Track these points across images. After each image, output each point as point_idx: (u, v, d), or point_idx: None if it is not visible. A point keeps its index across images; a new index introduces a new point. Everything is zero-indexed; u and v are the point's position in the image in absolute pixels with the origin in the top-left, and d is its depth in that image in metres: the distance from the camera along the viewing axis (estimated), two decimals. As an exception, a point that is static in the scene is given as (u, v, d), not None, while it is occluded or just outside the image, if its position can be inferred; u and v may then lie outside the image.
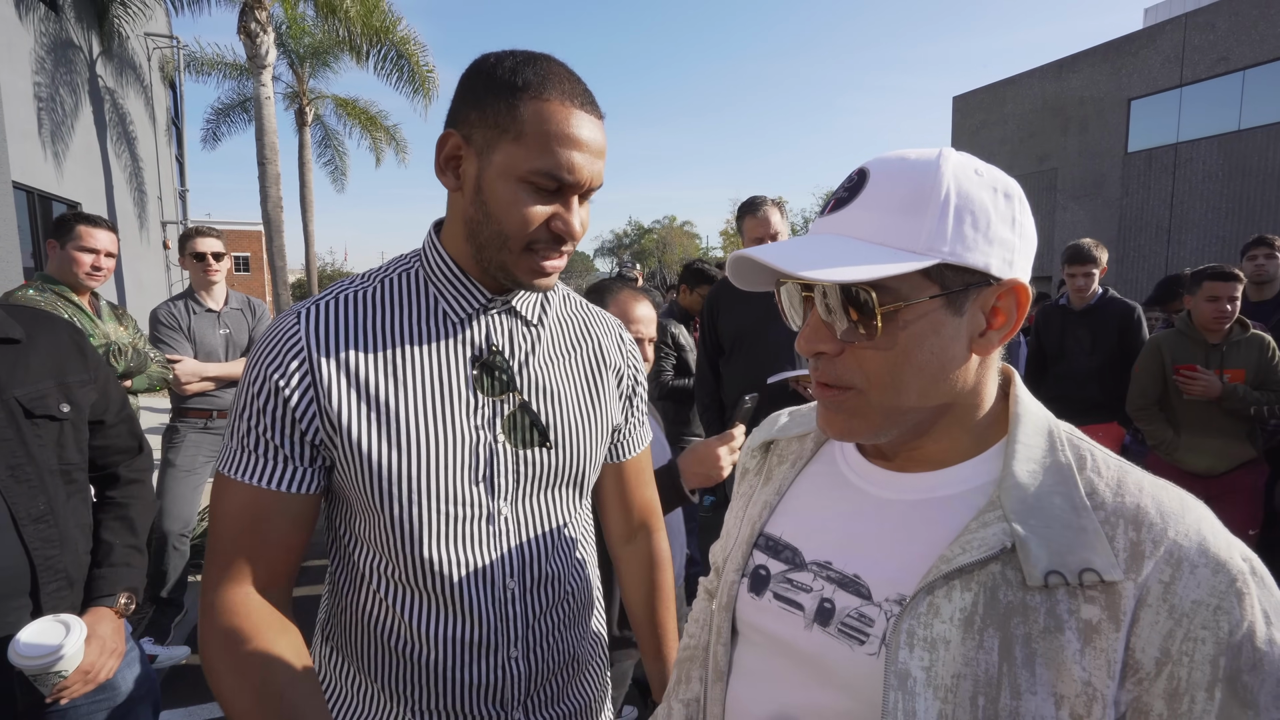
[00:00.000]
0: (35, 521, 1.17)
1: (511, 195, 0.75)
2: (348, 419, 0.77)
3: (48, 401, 1.21)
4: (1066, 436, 0.59)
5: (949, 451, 0.61)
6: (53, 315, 1.32)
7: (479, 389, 0.83)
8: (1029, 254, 0.57)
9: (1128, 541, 0.51)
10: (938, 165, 0.55)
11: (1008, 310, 0.56)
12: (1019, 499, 0.54)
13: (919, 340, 0.55)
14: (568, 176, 0.75)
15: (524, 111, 0.73)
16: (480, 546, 0.83)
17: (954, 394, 0.58)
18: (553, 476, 0.88)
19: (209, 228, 3.01)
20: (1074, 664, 0.49)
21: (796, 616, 0.63)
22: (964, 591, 0.53)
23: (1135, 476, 0.55)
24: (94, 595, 1.27)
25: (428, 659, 0.84)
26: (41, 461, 1.19)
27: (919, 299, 0.54)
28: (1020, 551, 0.52)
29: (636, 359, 1.02)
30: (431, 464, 0.80)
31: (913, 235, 0.53)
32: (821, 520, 0.66)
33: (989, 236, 0.54)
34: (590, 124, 0.76)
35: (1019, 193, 0.57)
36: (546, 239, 0.78)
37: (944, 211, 0.53)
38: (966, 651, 0.52)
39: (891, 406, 0.57)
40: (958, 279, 0.54)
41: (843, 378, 0.58)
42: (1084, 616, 0.50)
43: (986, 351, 0.57)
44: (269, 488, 0.77)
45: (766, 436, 0.79)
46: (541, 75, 0.75)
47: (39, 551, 1.17)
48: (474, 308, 0.84)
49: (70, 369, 1.27)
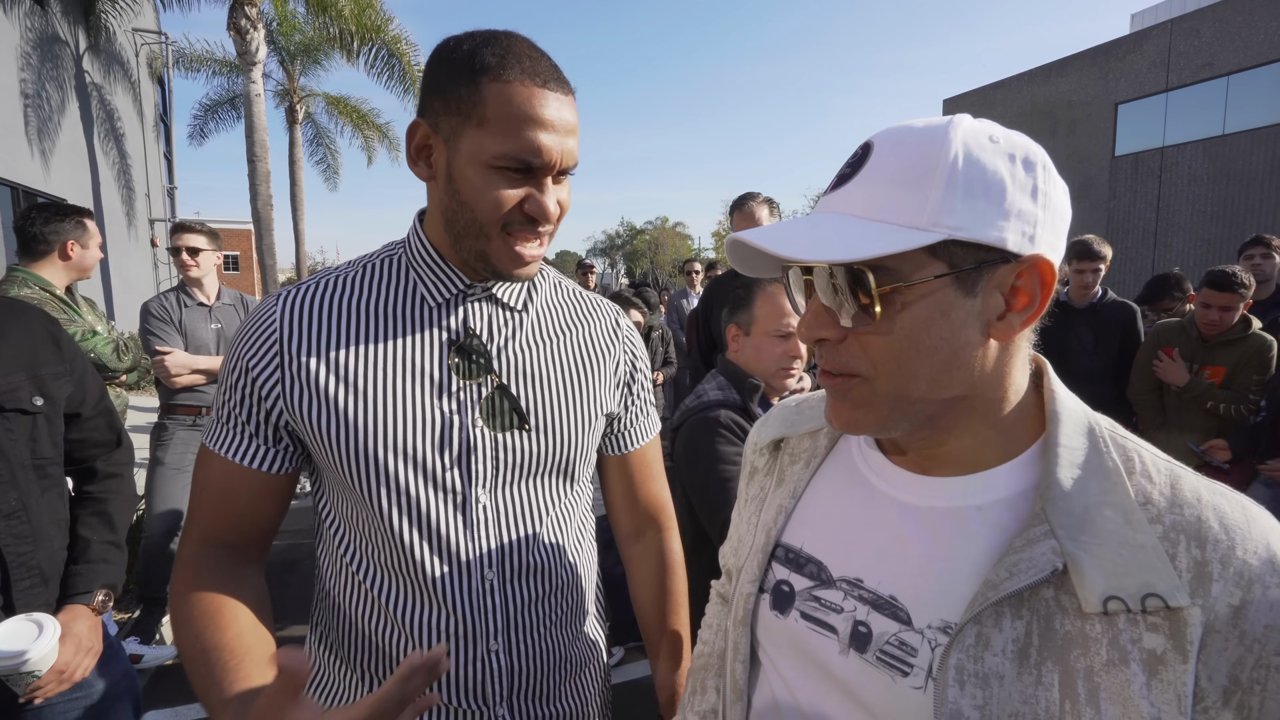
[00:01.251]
0: (6, 518, 1.14)
1: (481, 181, 0.74)
2: (318, 401, 0.78)
3: (19, 394, 1.18)
4: (1109, 434, 0.53)
5: (977, 451, 0.55)
6: (26, 305, 1.29)
7: (455, 372, 0.81)
8: (1057, 227, 0.51)
9: (1191, 561, 0.46)
10: (945, 133, 0.50)
11: (1030, 290, 0.50)
12: (1066, 511, 0.49)
13: (925, 324, 0.50)
14: (535, 159, 0.73)
15: (485, 94, 0.71)
16: (456, 533, 0.81)
17: (971, 384, 0.52)
18: (535, 464, 0.86)
19: (196, 223, 2.97)
20: (1141, 699, 0.45)
21: (830, 640, 0.58)
22: (1015, 620, 0.48)
23: (1190, 481, 0.50)
24: (70, 592, 1.25)
25: (405, 647, 0.83)
26: (13, 456, 1.16)
27: (922, 279, 0.49)
28: (1074, 574, 0.47)
29: (634, 346, 0.99)
30: (400, 445, 0.79)
31: (916, 210, 0.48)
32: (845, 530, 0.61)
33: (1004, 209, 0.48)
34: (556, 101, 0.73)
35: (1043, 159, 0.51)
36: (521, 220, 0.76)
37: (950, 182, 0.48)
38: (1024, 688, 0.47)
39: (899, 396, 0.53)
40: (968, 256, 0.49)
41: (847, 365, 0.54)
42: (1147, 646, 0.45)
43: (1007, 336, 0.51)
44: (238, 462, 0.80)
45: (776, 432, 0.73)
46: (501, 55, 0.72)
47: (10, 548, 1.15)
48: (452, 293, 0.83)
49: (44, 361, 1.23)
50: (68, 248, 2.40)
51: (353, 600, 0.85)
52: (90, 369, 1.36)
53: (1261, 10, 13.47)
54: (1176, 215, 15.21)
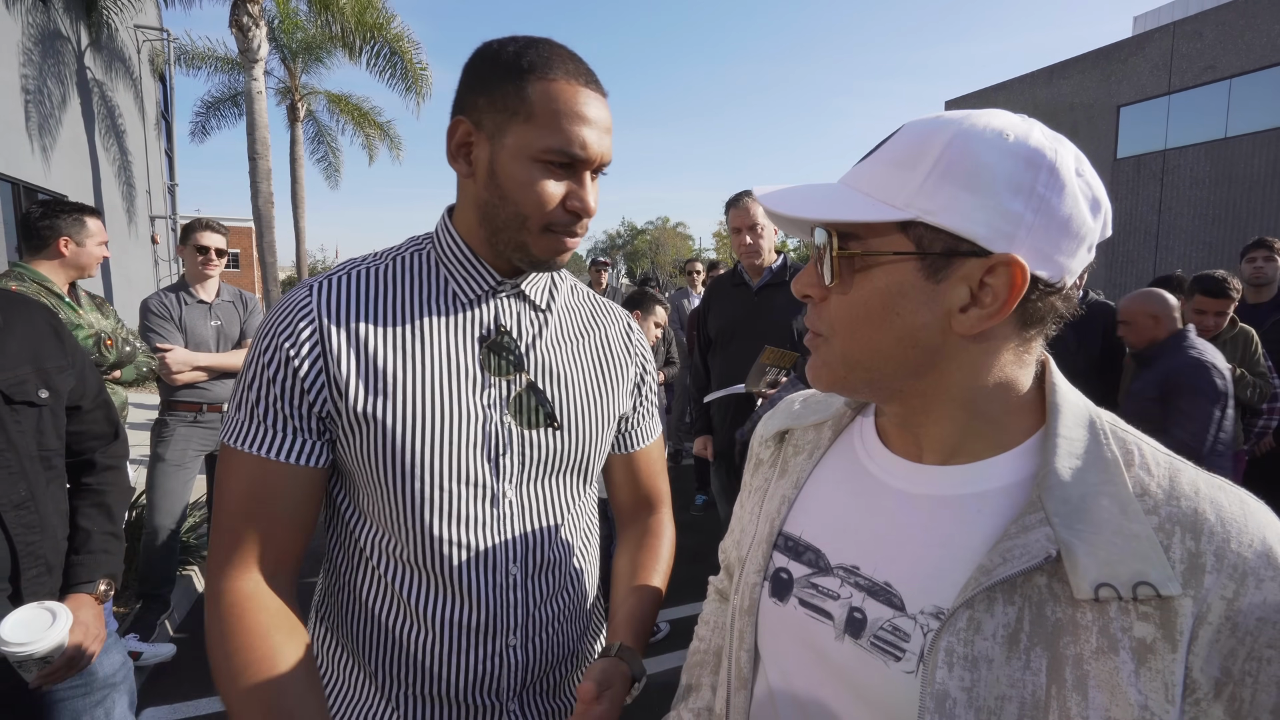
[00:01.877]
0: (16, 508, 1.16)
1: (526, 175, 0.76)
2: (355, 390, 0.77)
3: (26, 387, 1.20)
4: (1110, 427, 0.53)
5: (968, 440, 0.56)
6: (29, 300, 1.30)
7: (486, 369, 0.83)
8: (1057, 238, 0.49)
9: (1185, 552, 0.46)
10: (956, 123, 0.50)
11: (996, 289, 0.49)
12: (1062, 500, 0.49)
13: (880, 295, 0.52)
14: (580, 152, 0.76)
15: (532, 92, 0.75)
16: (484, 528, 0.82)
17: (934, 367, 0.53)
18: (559, 461, 0.87)
19: (217, 223, 3.00)
20: (1129, 687, 0.45)
21: (826, 626, 0.59)
22: (1007, 606, 0.49)
23: (1189, 475, 0.50)
24: (74, 582, 1.27)
25: (424, 641, 0.83)
26: (22, 448, 1.18)
27: (882, 251, 0.51)
28: (1067, 560, 0.47)
29: (644, 350, 1.02)
30: (436, 438, 0.79)
31: (898, 189, 0.50)
32: (844, 518, 0.62)
33: (984, 203, 0.48)
34: (596, 101, 0.78)
35: (1054, 165, 0.49)
36: (564, 219, 0.79)
37: (935, 168, 0.49)
38: (1012, 672, 0.48)
39: (851, 360, 0.55)
40: (937, 241, 0.50)
41: (816, 324, 0.58)
42: (1137, 634, 0.45)
43: (967, 330, 0.51)
44: (277, 459, 0.76)
45: (781, 425, 0.74)
46: (546, 57, 0.76)
47: (20, 538, 1.17)
48: (484, 289, 0.84)
49: (48, 354, 1.25)
50: (60, 245, 2.38)
51: (371, 595, 0.84)
52: (89, 362, 1.37)
53: (1264, 13, 13.47)
54: (1178, 218, 15.21)
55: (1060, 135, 0.51)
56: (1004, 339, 0.53)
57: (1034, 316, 0.52)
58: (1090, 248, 0.52)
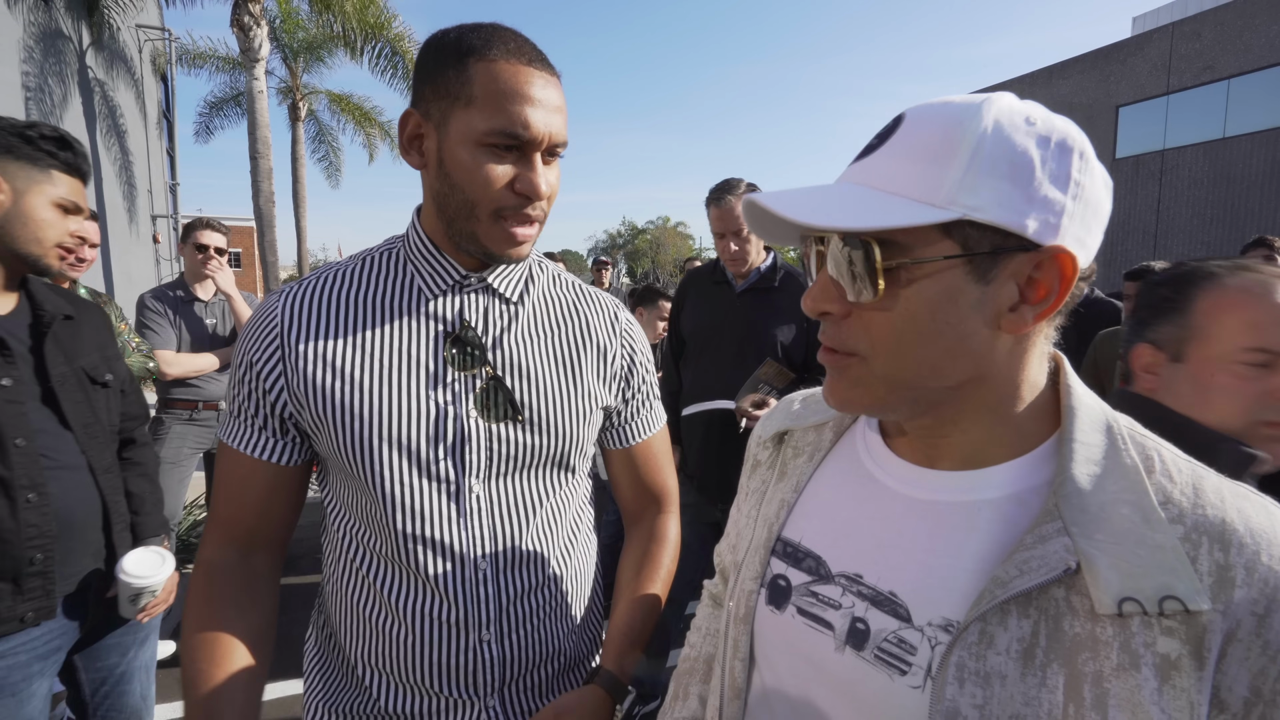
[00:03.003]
0: (105, 471, 1.37)
1: (471, 160, 0.75)
2: (316, 392, 0.80)
3: (100, 370, 1.41)
4: (1128, 432, 0.51)
5: (986, 445, 0.53)
6: (85, 299, 1.50)
7: (450, 363, 0.82)
8: (1088, 221, 0.48)
9: (1213, 564, 0.44)
10: (978, 109, 0.47)
11: (1049, 282, 0.47)
12: (1080, 508, 0.47)
13: (929, 305, 0.48)
14: (523, 132, 0.74)
15: (473, 74, 0.73)
16: (449, 522, 0.82)
17: (978, 374, 0.50)
18: (530, 455, 0.86)
19: (218, 222, 3.02)
20: (1151, 705, 0.42)
21: (825, 636, 0.56)
22: (1021, 619, 0.46)
23: (1213, 482, 0.48)
24: (142, 536, 1.50)
25: (400, 634, 0.84)
26: (104, 421, 1.40)
27: (931, 258, 0.47)
28: (1088, 573, 0.45)
29: (633, 339, 0.98)
30: (394, 434, 0.80)
31: (934, 186, 0.46)
32: (846, 524, 0.59)
33: (1029, 193, 0.45)
34: (541, 79, 0.75)
35: (1081, 147, 0.47)
36: (513, 204, 0.77)
37: (974, 160, 0.45)
38: (1027, 689, 0.45)
39: (896, 378, 0.51)
40: (984, 240, 0.46)
41: (846, 342, 0.52)
42: (1160, 650, 0.43)
43: (1018, 329, 0.48)
44: (249, 455, 0.84)
45: (780, 426, 0.71)
46: (485, 38, 0.75)
47: (110, 497, 1.38)
48: (447, 284, 0.84)
49: (107, 344, 1.47)
50: None
51: (352, 589, 0.87)
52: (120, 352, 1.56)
53: (1262, 14, 13.49)
54: (1176, 218, 15.23)
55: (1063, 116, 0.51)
56: (1040, 336, 0.51)
57: (1065, 309, 0.50)
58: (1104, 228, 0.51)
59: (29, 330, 1.28)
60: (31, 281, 1.33)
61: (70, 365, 1.33)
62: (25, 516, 1.20)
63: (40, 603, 1.24)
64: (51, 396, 1.28)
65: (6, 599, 1.20)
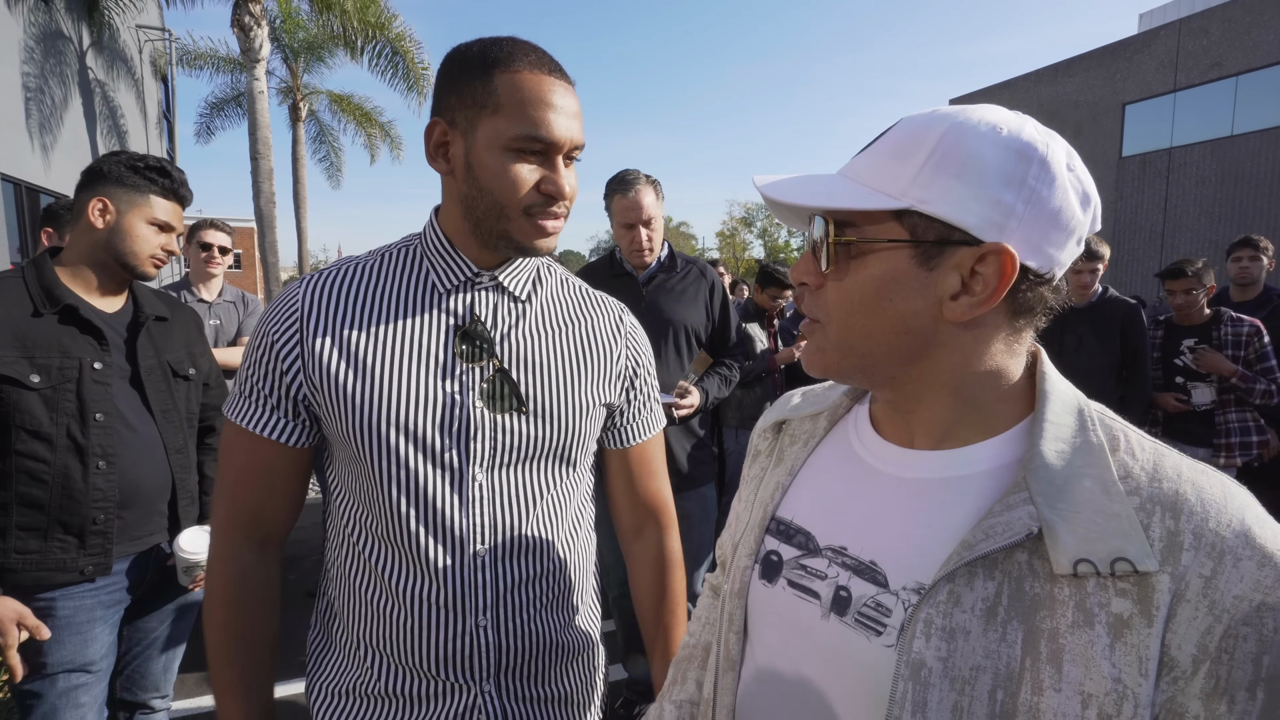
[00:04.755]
0: (177, 452, 1.56)
1: (499, 165, 0.80)
2: (329, 376, 0.84)
3: (184, 365, 1.63)
4: (1098, 415, 0.55)
5: (957, 425, 0.57)
6: (179, 301, 1.74)
7: (459, 355, 0.86)
8: (1046, 229, 0.51)
9: (1164, 530, 0.48)
10: (949, 116, 0.52)
11: (986, 278, 0.51)
12: (1046, 480, 0.50)
13: (874, 281, 0.54)
14: (548, 136, 0.79)
15: (498, 85, 0.79)
16: (450, 508, 0.85)
17: (922, 352, 0.55)
18: (534, 446, 0.89)
19: (222, 222, 3.04)
20: (1103, 660, 0.46)
21: (813, 605, 0.60)
22: (987, 580, 0.50)
23: (1173, 460, 0.51)
24: (207, 515, 1.63)
25: (398, 616, 0.87)
26: (181, 409, 1.60)
27: (878, 238, 0.53)
28: (1048, 536, 0.49)
29: (638, 343, 1.02)
30: (402, 420, 0.83)
31: (894, 179, 0.52)
32: (835, 502, 0.63)
33: (977, 193, 0.50)
34: (561, 88, 0.81)
35: (1045, 158, 0.51)
36: (540, 202, 0.82)
37: (929, 159, 0.51)
38: (988, 644, 0.49)
39: (845, 345, 0.57)
40: (930, 230, 0.51)
41: (814, 310, 0.59)
42: (1114, 610, 0.47)
43: (958, 317, 0.52)
44: (259, 434, 0.87)
45: (778, 416, 0.76)
46: (508, 51, 0.81)
47: (179, 475, 1.57)
48: (460, 279, 0.88)
49: (195, 342, 1.71)
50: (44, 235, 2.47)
51: (354, 571, 0.90)
52: (209, 350, 1.78)
53: (1270, 10, 13.39)
54: (1184, 216, 15.13)
55: (1053, 131, 0.53)
56: (994, 327, 0.55)
57: (1024, 306, 0.54)
58: (1080, 240, 0.53)
59: (128, 326, 1.53)
60: (136, 286, 1.58)
61: (158, 358, 1.56)
62: (94, 480, 1.40)
63: (99, 560, 1.43)
64: (138, 382, 1.51)
65: (72, 551, 1.40)
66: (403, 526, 0.84)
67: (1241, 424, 3.01)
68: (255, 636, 0.90)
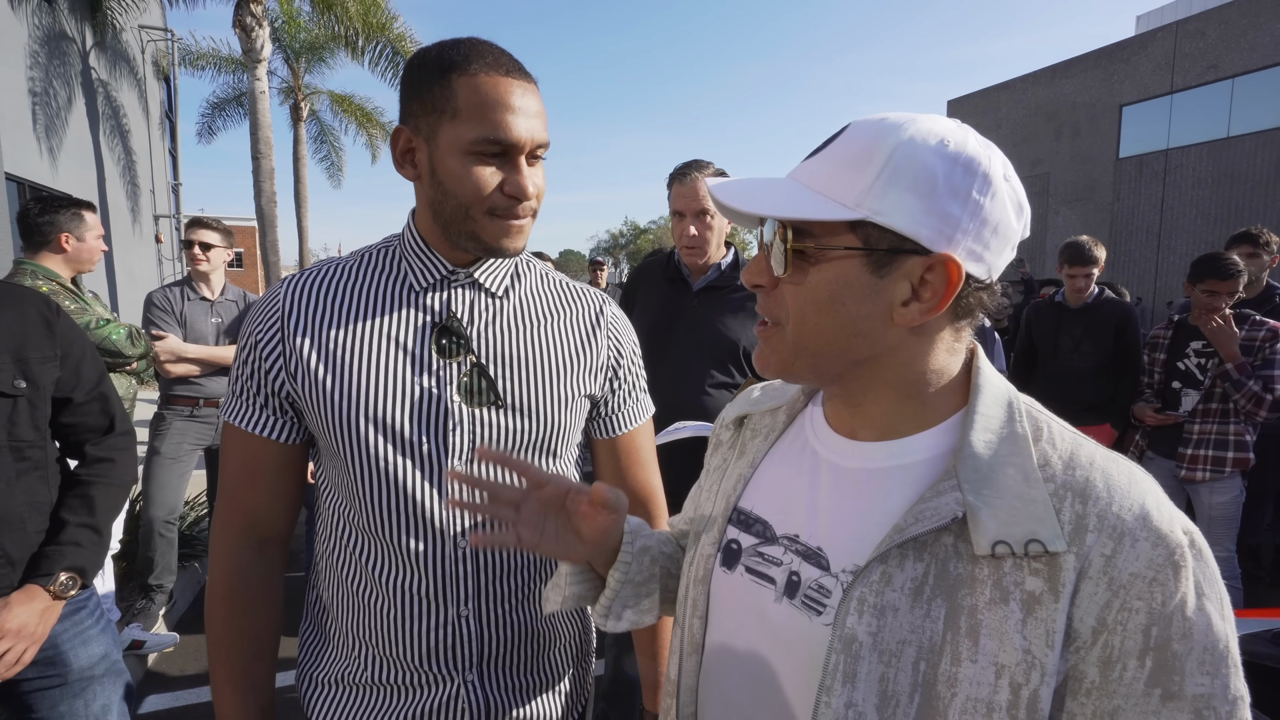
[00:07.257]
0: None
1: (461, 169, 0.81)
2: (309, 372, 0.86)
3: (1, 376, 1.20)
4: (1026, 408, 0.58)
5: (897, 418, 0.61)
6: (24, 291, 1.31)
7: (436, 351, 0.88)
8: (988, 240, 0.55)
9: (1073, 514, 0.51)
10: (899, 127, 0.55)
11: (934, 286, 0.54)
12: (974, 469, 0.54)
13: (829, 286, 0.56)
14: (507, 137, 0.80)
15: (456, 89, 0.79)
16: (430, 501, 0.86)
17: (872, 353, 0.58)
18: (514, 439, 0.90)
19: (213, 220, 3.08)
20: (1015, 634, 0.50)
21: (768, 590, 0.64)
22: (916, 561, 0.54)
23: (1088, 450, 0.55)
24: (33, 573, 1.24)
25: (383, 607, 0.88)
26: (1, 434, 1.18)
27: (833, 246, 0.55)
28: (970, 521, 0.52)
29: (619, 333, 1.02)
30: (379, 415, 0.85)
31: (848, 189, 0.54)
32: (790, 492, 0.66)
33: (928, 206, 0.53)
34: (520, 88, 0.81)
35: (989, 173, 0.54)
36: (504, 204, 0.83)
37: (883, 171, 0.53)
38: (914, 620, 0.53)
39: (800, 345, 0.59)
40: (883, 239, 0.54)
41: (770, 311, 0.61)
42: (1027, 588, 0.51)
43: (908, 322, 0.56)
44: (251, 432, 0.89)
45: (740, 411, 0.79)
46: (465, 53, 0.81)
47: None
48: (436, 277, 0.90)
49: (33, 345, 1.25)
50: (62, 240, 2.41)
51: (339, 564, 0.92)
52: (89, 355, 1.38)
53: (1267, 13, 13.43)
54: (1180, 218, 15.17)
55: (990, 142, 0.57)
56: (939, 330, 0.58)
57: (965, 310, 0.58)
58: (1013, 248, 0.57)
59: None
60: None
61: None
62: None
63: None
64: None
65: None
66: (384, 519, 0.86)
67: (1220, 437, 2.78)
68: (254, 634, 0.91)
